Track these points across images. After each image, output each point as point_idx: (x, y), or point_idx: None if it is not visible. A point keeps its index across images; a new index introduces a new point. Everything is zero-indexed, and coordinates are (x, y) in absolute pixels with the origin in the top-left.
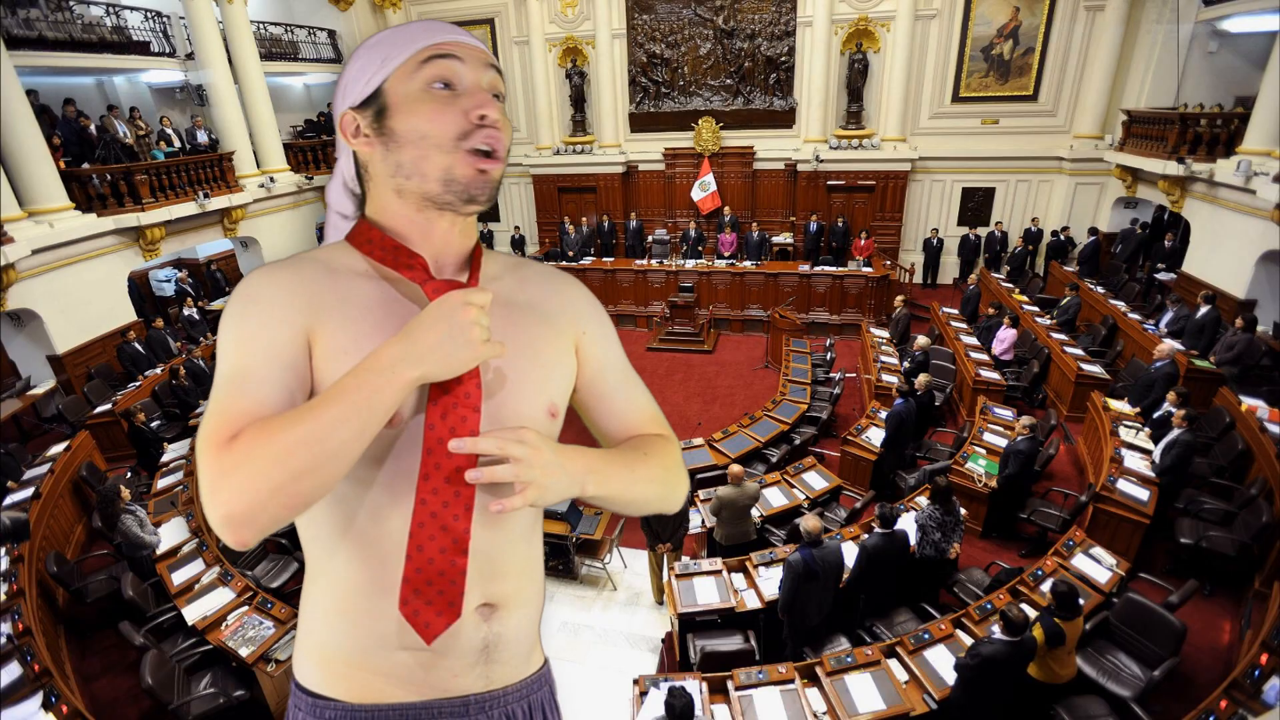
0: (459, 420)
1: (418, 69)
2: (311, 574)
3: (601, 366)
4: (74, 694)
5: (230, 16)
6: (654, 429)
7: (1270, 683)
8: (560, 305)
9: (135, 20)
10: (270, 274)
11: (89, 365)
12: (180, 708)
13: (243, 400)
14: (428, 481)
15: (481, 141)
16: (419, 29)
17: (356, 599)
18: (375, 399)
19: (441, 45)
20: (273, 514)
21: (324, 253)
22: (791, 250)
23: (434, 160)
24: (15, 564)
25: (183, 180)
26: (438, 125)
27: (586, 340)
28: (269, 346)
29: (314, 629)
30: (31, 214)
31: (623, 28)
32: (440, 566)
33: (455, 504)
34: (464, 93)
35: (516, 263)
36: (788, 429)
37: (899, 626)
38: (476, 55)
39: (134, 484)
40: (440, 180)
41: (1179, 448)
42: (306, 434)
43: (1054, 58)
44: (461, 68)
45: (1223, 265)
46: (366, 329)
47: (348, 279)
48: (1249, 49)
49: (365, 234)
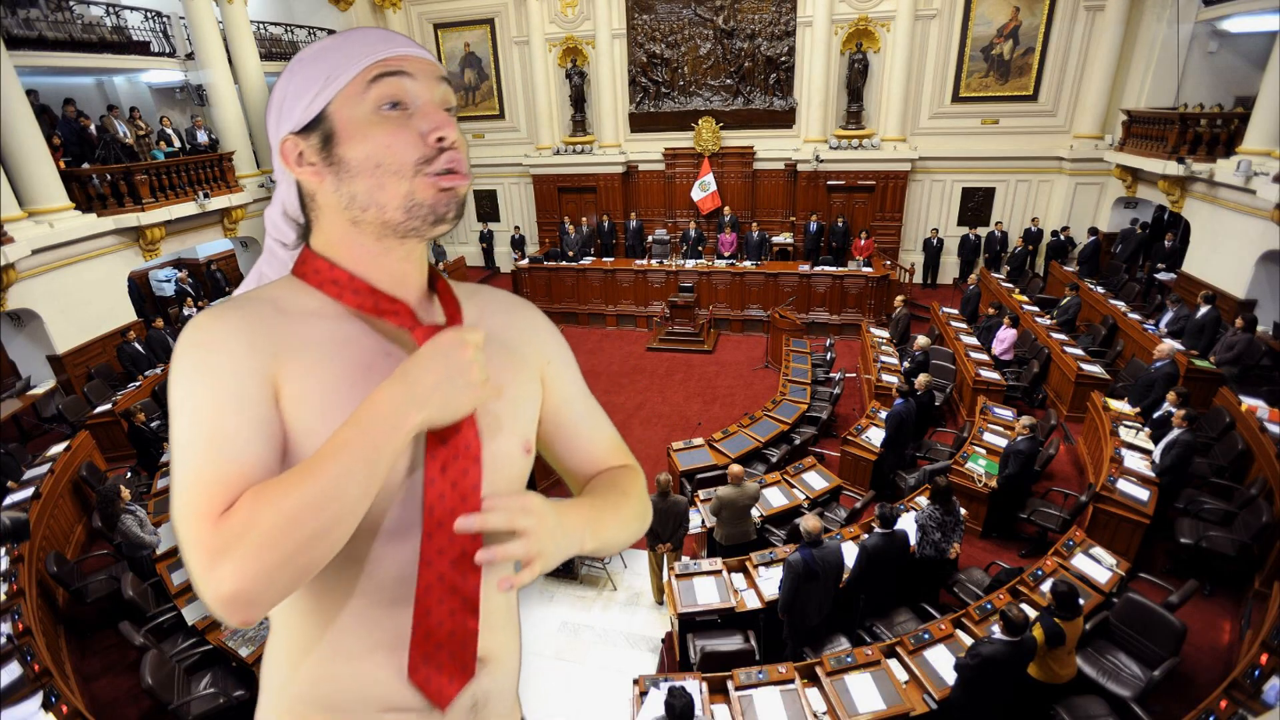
0: (460, 473)
1: (365, 89)
2: (283, 626)
3: (565, 398)
4: (74, 694)
5: (230, 16)
6: (619, 460)
7: (1270, 683)
8: (523, 336)
9: (135, 20)
10: (221, 318)
11: (89, 365)
12: (180, 708)
13: (226, 464)
14: (432, 540)
15: (444, 165)
16: (362, 41)
17: (342, 658)
18: (381, 449)
19: (390, 61)
20: (281, 588)
21: (271, 291)
22: (791, 250)
23: (392, 188)
24: (15, 564)
25: (183, 180)
26: (394, 152)
27: (551, 371)
28: (239, 400)
29: (286, 685)
30: (31, 214)
31: (623, 28)
32: (450, 628)
33: (464, 562)
34: (417, 112)
35: (472, 290)
36: (788, 429)
37: (899, 626)
38: (427, 69)
39: (134, 484)
40: (402, 208)
41: (1179, 448)
42: (313, 496)
43: (1054, 58)
44: (413, 84)
45: (1223, 265)
46: (335, 373)
47: (303, 320)
48: (1249, 49)
49: (324, 273)
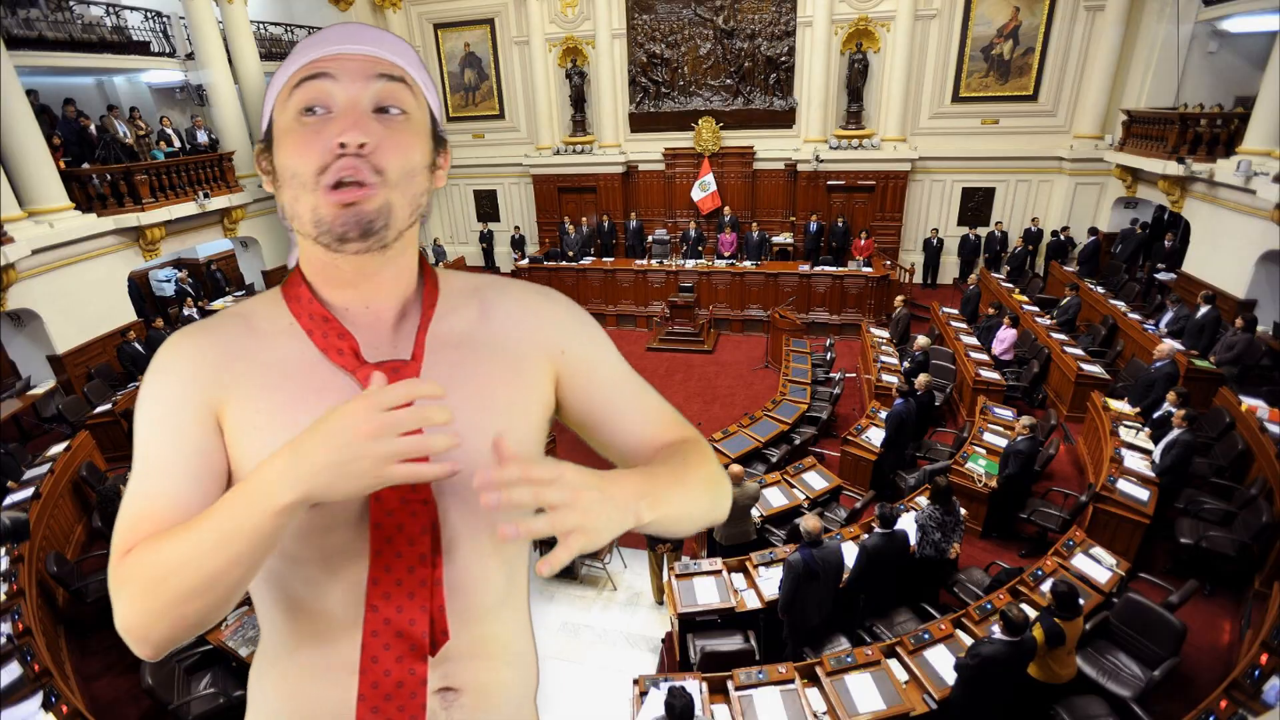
0: (409, 516)
1: (290, 96)
2: (265, 637)
3: (593, 381)
4: (74, 694)
5: (230, 16)
6: (677, 433)
7: (1270, 683)
8: (528, 331)
9: (135, 20)
10: (180, 342)
11: (89, 365)
12: (180, 708)
13: (144, 500)
14: (377, 586)
15: (335, 174)
16: (304, 45)
17: (306, 675)
18: (243, 526)
19: (313, 64)
20: (165, 634)
21: (253, 305)
22: (791, 250)
23: (303, 201)
24: (15, 564)
25: (183, 180)
26: (302, 160)
27: (567, 359)
28: (174, 431)
29: (264, 697)
30: (31, 214)
31: (623, 28)
32: (398, 677)
33: (410, 607)
34: (335, 116)
35: (483, 285)
36: (788, 429)
37: (899, 626)
38: (355, 68)
39: None
40: (311, 222)
41: (1179, 448)
42: (182, 559)
43: (1054, 58)
44: (333, 86)
45: (1223, 265)
46: (282, 400)
47: (268, 339)
48: (1249, 49)
49: (294, 288)
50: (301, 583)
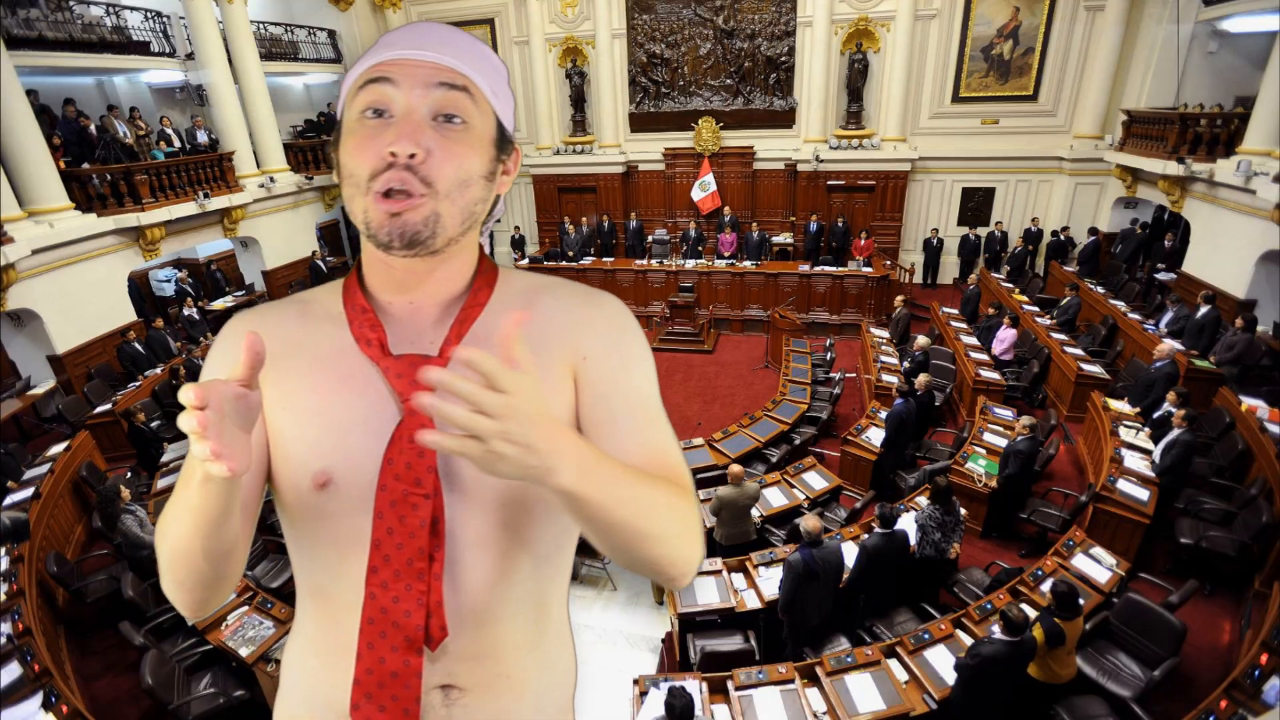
0: (409, 508)
1: (355, 95)
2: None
3: (599, 394)
4: (74, 694)
5: (230, 16)
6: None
7: (1270, 683)
8: (559, 330)
9: (135, 20)
10: (236, 322)
11: (89, 365)
12: (180, 708)
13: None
14: (376, 574)
15: (381, 185)
16: (381, 44)
17: (314, 653)
18: (191, 495)
19: (379, 66)
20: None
21: (316, 292)
22: (791, 250)
23: (356, 202)
24: (15, 564)
25: (183, 180)
26: (356, 162)
27: (586, 365)
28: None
29: (286, 672)
30: (31, 214)
31: (623, 28)
32: (393, 667)
33: (407, 598)
34: (391, 122)
35: (540, 286)
36: (788, 429)
37: (899, 626)
38: (417, 75)
39: (134, 484)
40: (363, 224)
41: (1179, 448)
42: (162, 532)
43: (1054, 58)
44: (394, 91)
45: (1223, 265)
46: (309, 383)
47: (314, 325)
48: (1249, 49)
49: (350, 279)
50: (320, 567)
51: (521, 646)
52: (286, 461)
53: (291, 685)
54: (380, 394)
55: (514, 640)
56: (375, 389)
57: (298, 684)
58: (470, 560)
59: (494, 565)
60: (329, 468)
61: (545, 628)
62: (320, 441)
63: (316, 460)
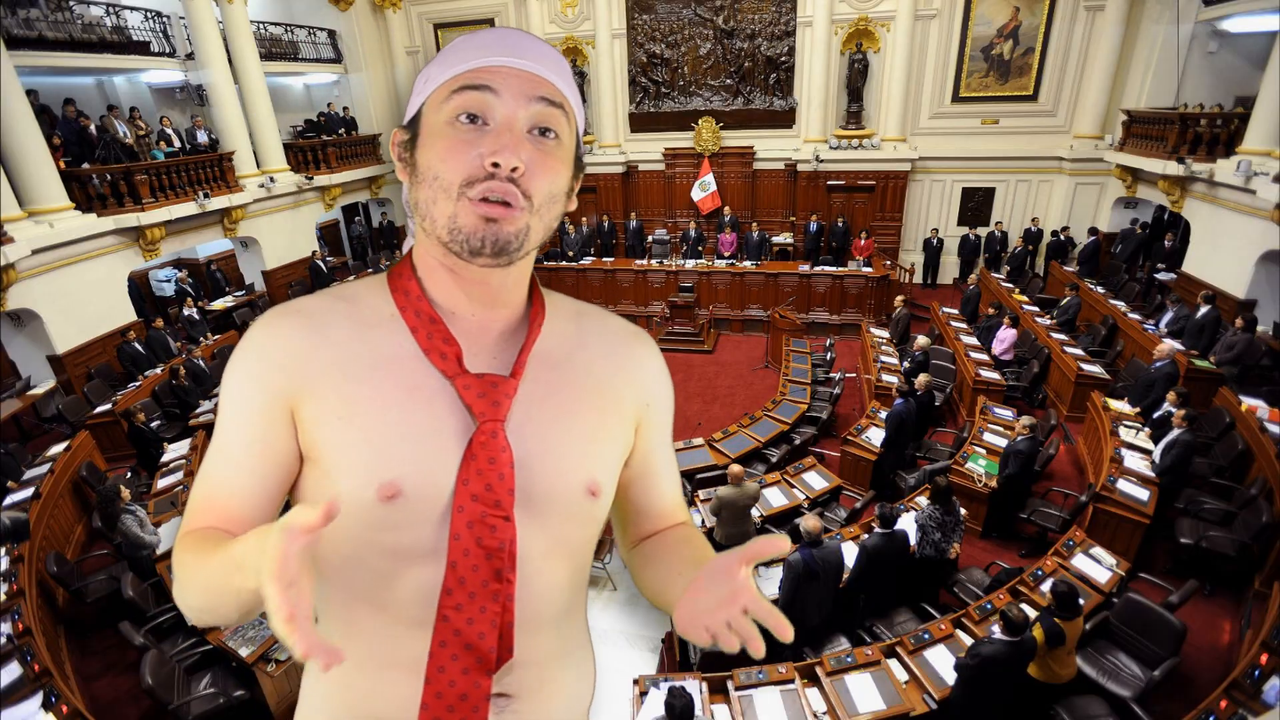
0: (487, 530)
1: (448, 98)
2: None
3: (654, 445)
4: (74, 694)
5: (230, 16)
6: (681, 516)
7: (1270, 683)
8: (624, 370)
9: (135, 20)
10: (274, 320)
11: (89, 365)
12: (180, 708)
13: (209, 485)
14: (450, 596)
15: (483, 192)
16: (470, 46)
17: (358, 670)
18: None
19: (478, 73)
20: (198, 619)
21: (358, 290)
22: (791, 250)
23: (441, 205)
24: (15, 564)
25: (183, 180)
26: (448, 166)
27: (649, 414)
28: (245, 414)
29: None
30: (31, 214)
31: (623, 28)
32: (463, 689)
33: (481, 620)
34: (492, 131)
35: (583, 311)
36: (788, 429)
37: (899, 626)
38: (518, 86)
39: (134, 484)
40: (446, 228)
41: (1179, 448)
42: (190, 576)
43: (1054, 58)
44: (495, 101)
45: (1223, 265)
46: (370, 391)
47: (366, 329)
48: (1249, 49)
49: (403, 280)
50: (368, 575)
51: (557, 653)
52: (343, 472)
53: (320, 702)
54: (449, 407)
55: (552, 647)
56: (443, 401)
57: (329, 701)
58: (535, 578)
59: (551, 579)
60: (398, 479)
61: (575, 634)
62: (388, 452)
63: (386, 471)
